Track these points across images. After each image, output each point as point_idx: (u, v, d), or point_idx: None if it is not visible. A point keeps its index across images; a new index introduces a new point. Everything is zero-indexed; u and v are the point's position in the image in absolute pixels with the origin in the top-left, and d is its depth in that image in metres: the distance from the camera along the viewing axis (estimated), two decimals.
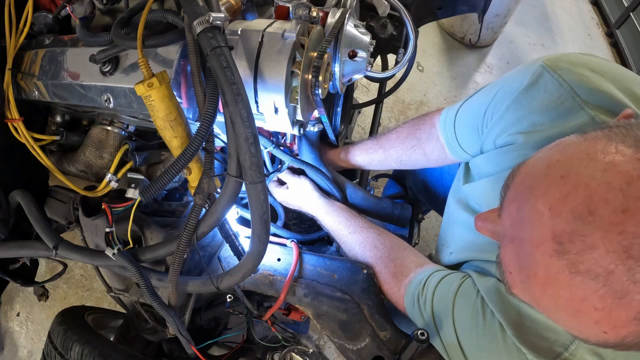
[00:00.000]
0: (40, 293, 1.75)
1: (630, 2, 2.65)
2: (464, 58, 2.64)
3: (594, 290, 0.37)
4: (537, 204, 0.41)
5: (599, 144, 0.40)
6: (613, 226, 0.36)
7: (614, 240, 0.36)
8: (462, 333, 0.68)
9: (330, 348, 1.71)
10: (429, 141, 0.94)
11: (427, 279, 0.77)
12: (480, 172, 0.79)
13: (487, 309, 0.65)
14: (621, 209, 0.36)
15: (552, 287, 0.40)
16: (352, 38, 0.82)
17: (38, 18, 0.84)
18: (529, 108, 0.64)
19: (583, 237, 0.37)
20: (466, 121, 0.81)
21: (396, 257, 0.85)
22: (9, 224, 0.88)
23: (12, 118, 0.81)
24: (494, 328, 0.63)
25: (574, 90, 0.59)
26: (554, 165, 0.42)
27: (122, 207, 0.76)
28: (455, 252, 0.81)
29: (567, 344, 0.56)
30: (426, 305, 0.74)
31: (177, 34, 0.66)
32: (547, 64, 0.64)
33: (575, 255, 0.38)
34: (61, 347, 1.01)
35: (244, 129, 0.56)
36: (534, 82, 0.64)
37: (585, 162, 0.39)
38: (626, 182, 0.36)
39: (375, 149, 1.03)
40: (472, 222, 0.77)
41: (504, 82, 0.72)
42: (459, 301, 0.70)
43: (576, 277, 0.38)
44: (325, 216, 0.96)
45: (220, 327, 1.24)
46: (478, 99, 0.78)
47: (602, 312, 0.38)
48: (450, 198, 0.89)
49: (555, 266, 0.39)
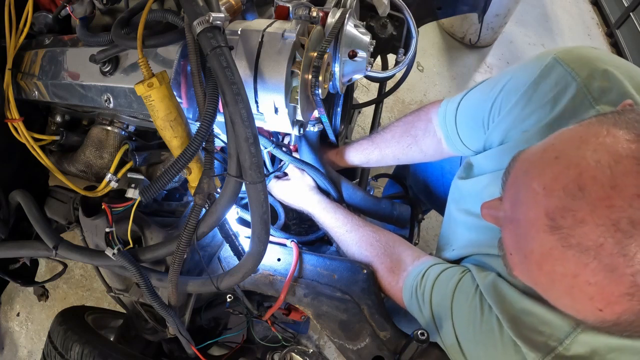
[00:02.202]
0: (40, 293, 1.75)
1: (630, 2, 2.65)
2: (464, 58, 2.64)
3: (585, 264, 0.39)
4: (532, 184, 0.43)
5: (591, 128, 0.42)
6: (601, 201, 0.37)
7: (602, 215, 0.37)
8: (460, 327, 0.68)
9: (330, 348, 1.71)
10: (425, 138, 0.93)
11: (425, 271, 0.77)
12: (482, 169, 0.78)
13: (485, 304, 0.65)
14: (609, 185, 0.37)
15: (546, 263, 0.42)
16: (352, 38, 0.81)
17: (38, 18, 0.84)
18: (539, 103, 0.63)
19: (574, 212, 0.39)
20: (470, 115, 0.79)
21: (392, 253, 0.86)
22: (9, 224, 0.88)
23: (12, 118, 0.81)
24: (492, 323, 0.63)
25: (587, 87, 0.59)
26: (549, 149, 0.44)
27: (122, 207, 0.76)
28: (458, 249, 0.81)
29: (562, 338, 0.56)
30: (424, 298, 0.74)
31: (177, 34, 0.66)
32: (559, 56, 0.62)
33: (567, 230, 0.39)
34: (61, 347, 1.01)
35: (244, 129, 0.56)
36: (545, 75, 0.63)
37: (577, 144, 0.41)
38: (615, 160, 0.38)
39: (371, 149, 1.03)
40: (471, 221, 0.78)
41: (512, 74, 0.70)
42: (457, 296, 0.70)
43: (568, 251, 0.39)
44: (322, 214, 0.96)
45: (220, 327, 1.24)
46: (482, 92, 0.76)
47: (595, 287, 0.39)
48: (451, 197, 0.89)
49: (548, 241, 0.41)
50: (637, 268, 0.36)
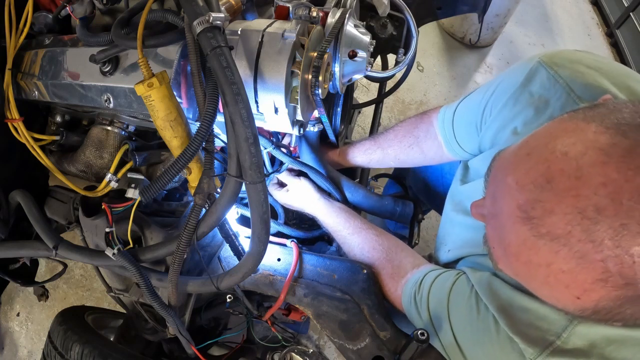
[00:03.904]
0: (40, 293, 1.75)
1: (630, 2, 2.65)
2: (464, 58, 2.64)
3: (556, 251, 0.40)
4: (507, 179, 0.46)
5: (562, 124, 0.44)
6: (568, 191, 0.39)
7: (569, 204, 0.39)
8: (458, 328, 0.69)
9: (330, 348, 1.71)
10: (426, 140, 0.94)
11: (422, 278, 0.78)
12: (477, 172, 0.79)
13: (481, 303, 0.66)
14: (575, 176, 0.39)
15: (523, 254, 0.44)
16: (352, 38, 0.81)
17: (38, 18, 0.84)
18: (526, 103, 0.66)
19: (543, 203, 0.41)
20: (465, 119, 0.82)
21: (393, 259, 0.86)
22: (9, 224, 0.88)
23: (12, 118, 0.81)
24: (488, 321, 0.63)
25: (570, 86, 0.61)
26: (523, 146, 0.47)
27: (122, 207, 0.76)
28: (453, 250, 0.82)
29: (559, 331, 0.56)
30: (422, 303, 0.75)
31: (177, 34, 0.66)
32: (543, 60, 0.66)
33: (537, 220, 0.41)
34: (61, 347, 1.01)
35: (244, 129, 0.56)
36: (530, 78, 0.66)
37: (547, 140, 0.43)
38: (581, 152, 0.39)
39: (374, 149, 1.03)
40: (468, 222, 0.78)
41: (502, 79, 0.73)
42: (453, 297, 0.70)
43: (539, 240, 0.41)
44: (326, 217, 0.96)
45: (220, 327, 1.24)
46: (476, 97, 0.79)
47: (568, 274, 0.40)
48: (448, 199, 0.90)
49: (522, 232, 0.43)
50: (606, 254, 0.37)
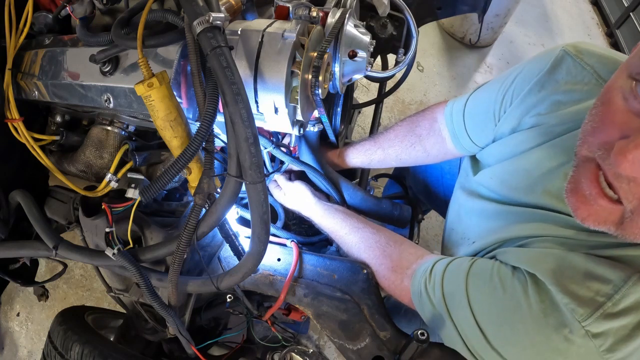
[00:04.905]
0: (40, 293, 1.74)
1: (630, 2, 2.65)
2: (464, 58, 2.64)
3: None
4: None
5: None
6: None
7: None
8: (480, 311, 0.65)
9: (330, 348, 1.71)
10: (429, 137, 0.94)
11: (432, 266, 0.75)
12: (493, 159, 0.80)
13: (507, 280, 0.62)
14: None
15: None
16: (352, 38, 0.81)
17: (38, 18, 0.84)
18: (552, 89, 0.67)
19: None
20: (479, 108, 0.82)
21: (392, 252, 0.85)
22: (9, 224, 0.88)
23: (12, 118, 0.81)
24: (518, 298, 0.60)
25: (597, 73, 0.63)
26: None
27: (122, 207, 0.76)
28: (478, 240, 0.79)
29: (611, 293, 0.53)
30: (435, 291, 0.72)
31: (177, 34, 0.66)
32: (567, 48, 0.68)
33: None
34: (61, 347, 1.00)
35: (244, 129, 0.56)
36: (556, 66, 0.68)
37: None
38: None
39: (374, 149, 1.03)
40: (487, 208, 0.78)
41: (522, 68, 0.75)
42: (472, 280, 0.67)
43: None
44: (322, 219, 0.95)
45: (220, 327, 1.23)
46: (492, 86, 0.80)
47: None
48: (459, 192, 0.89)
49: None
50: None
